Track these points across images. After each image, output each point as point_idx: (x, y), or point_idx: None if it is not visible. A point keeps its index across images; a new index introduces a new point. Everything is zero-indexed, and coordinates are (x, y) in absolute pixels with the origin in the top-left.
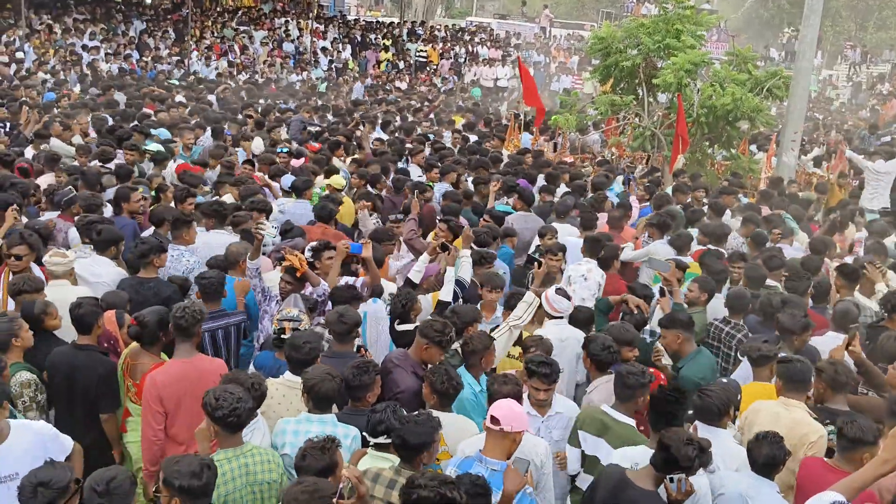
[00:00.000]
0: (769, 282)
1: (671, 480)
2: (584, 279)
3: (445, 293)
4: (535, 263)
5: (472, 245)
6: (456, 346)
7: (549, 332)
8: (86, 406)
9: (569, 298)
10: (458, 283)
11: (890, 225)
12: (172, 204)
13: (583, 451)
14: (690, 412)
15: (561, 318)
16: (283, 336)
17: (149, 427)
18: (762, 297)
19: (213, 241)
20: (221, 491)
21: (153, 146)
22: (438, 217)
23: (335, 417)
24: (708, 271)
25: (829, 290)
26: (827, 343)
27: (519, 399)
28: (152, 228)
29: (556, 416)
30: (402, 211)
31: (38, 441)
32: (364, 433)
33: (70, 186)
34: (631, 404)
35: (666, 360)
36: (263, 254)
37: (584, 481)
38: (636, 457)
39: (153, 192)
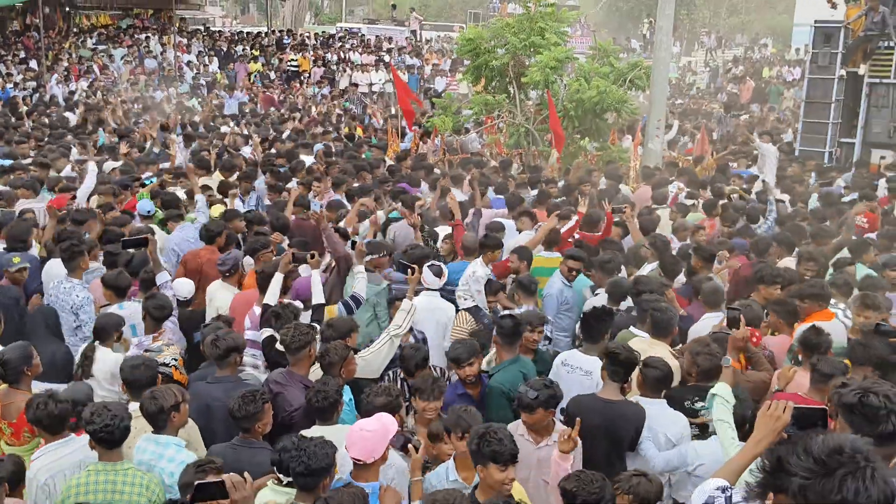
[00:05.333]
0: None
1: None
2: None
3: (317, 296)
4: (409, 270)
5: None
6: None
7: (421, 302)
8: None
9: (439, 276)
10: (354, 298)
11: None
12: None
13: None
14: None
15: (433, 290)
16: None
17: None
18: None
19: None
20: (74, 501)
21: None
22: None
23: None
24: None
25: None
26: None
27: (394, 411)
28: None
29: None
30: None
31: None
32: (277, 472)
33: None
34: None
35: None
36: None
37: None
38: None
39: None
